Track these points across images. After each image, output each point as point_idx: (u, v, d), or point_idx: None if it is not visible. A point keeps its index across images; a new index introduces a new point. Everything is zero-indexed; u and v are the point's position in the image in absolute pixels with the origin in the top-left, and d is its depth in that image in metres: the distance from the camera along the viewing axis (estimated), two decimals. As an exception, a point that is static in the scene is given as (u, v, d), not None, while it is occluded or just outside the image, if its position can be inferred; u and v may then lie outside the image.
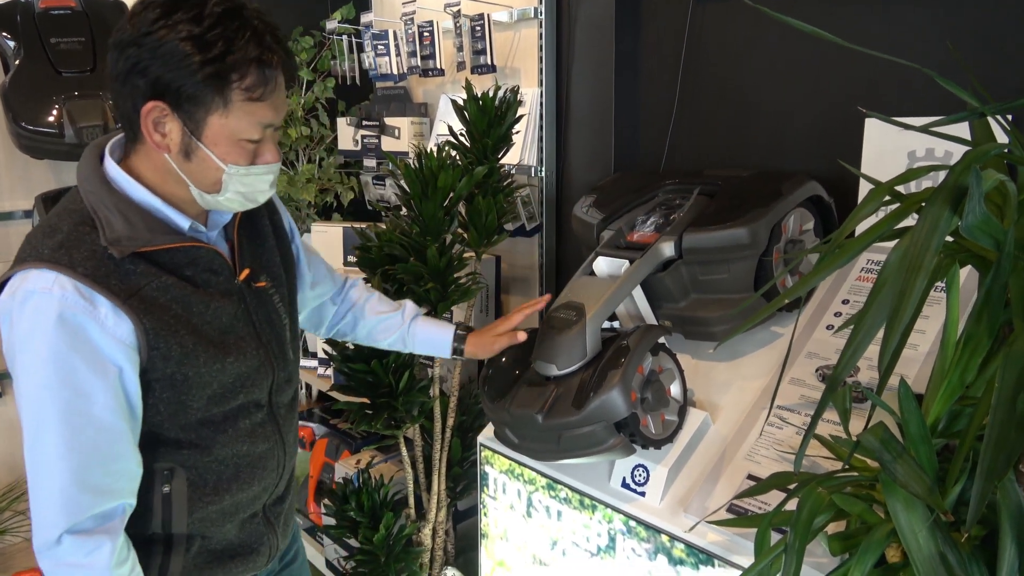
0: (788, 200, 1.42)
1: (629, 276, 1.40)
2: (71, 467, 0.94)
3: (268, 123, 1.00)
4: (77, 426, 0.94)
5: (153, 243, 0.99)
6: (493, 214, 1.65)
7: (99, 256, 0.96)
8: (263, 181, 1.05)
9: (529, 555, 1.59)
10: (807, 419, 1.29)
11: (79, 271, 0.94)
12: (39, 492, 0.96)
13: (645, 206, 1.60)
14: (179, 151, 0.99)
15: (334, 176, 2.69)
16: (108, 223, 0.97)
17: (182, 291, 1.01)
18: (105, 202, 0.98)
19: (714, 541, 1.22)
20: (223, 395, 1.07)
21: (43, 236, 0.97)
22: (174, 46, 0.92)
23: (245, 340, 1.10)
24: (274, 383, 1.15)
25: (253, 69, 0.95)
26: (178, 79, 0.93)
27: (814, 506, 0.87)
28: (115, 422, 0.97)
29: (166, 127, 0.97)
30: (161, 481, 1.06)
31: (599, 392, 1.23)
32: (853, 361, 0.72)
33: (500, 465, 1.62)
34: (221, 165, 0.99)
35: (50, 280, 0.92)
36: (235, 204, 1.05)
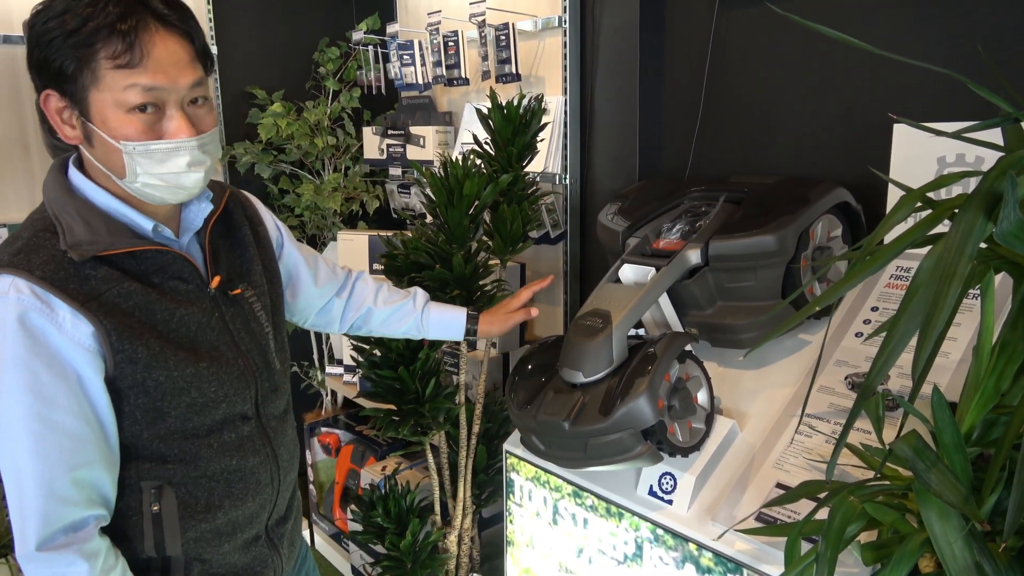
0: (816, 207, 1.41)
1: (655, 283, 1.39)
2: (38, 475, 0.92)
3: (151, 87, 0.93)
4: (40, 432, 0.92)
5: (114, 247, 0.97)
6: (518, 222, 1.66)
7: (57, 260, 0.94)
8: (175, 162, 0.97)
9: (555, 563, 1.59)
10: (836, 427, 1.28)
11: (36, 274, 0.92)
12: (12, 501, 0.94)
13: (671, 213, 1.59)
14: (83, 138, 0.97)
15: (360, 185, 2.72)
16: (69, 228, 0.95)
17: (145, 297, 0.99)
18: (67, 208, 0.97)
19: (742, 550, 1.21)
20: (204, 404, 1.05)
21: (5, 245, 0.97)
22: (42, 28, 0.92)
23: (220, 348, 1.07)
24: (259, 393, 1.13)
25: (115, 35, 0.91)
26: (50, 58, 0.91)
27: (846, 515, 0.86)
28: (79, 428, 0.94)
29: (68, 116, 0.96)
30: (149, 500, 1.03)
31: (626, 399, 1.23)
32: (886, 369, 0.71)
33: (526, 472, 1.62)
34: (114, 143, 0.94)
35: (6, 284, 0.91)
36: (159, 192, 0.99)
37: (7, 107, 2.51)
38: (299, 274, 1.34)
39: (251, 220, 1.22)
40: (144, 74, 0.92)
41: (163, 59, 0.94)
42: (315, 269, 1.37)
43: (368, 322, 1.46)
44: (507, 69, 2.09)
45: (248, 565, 1.14)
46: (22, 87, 2.52)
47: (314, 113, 2.66)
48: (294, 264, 1.32)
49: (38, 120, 2.39)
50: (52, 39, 0.91)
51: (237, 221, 1.19)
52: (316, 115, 2.67)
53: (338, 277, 1.44)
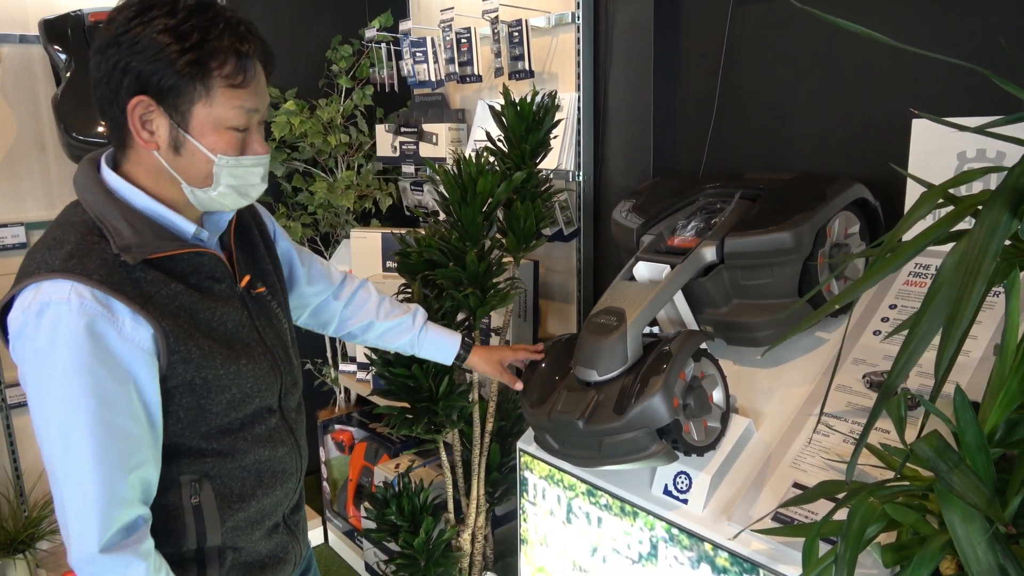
0: (833, 204, 1.40)
1: (670, 281, 1.38)
2: (102, 479, 0.94)
3: (252, 108, 1.01)
4: (102, 436, 0.94)
5: (162, 249, 0.99)
6: (531, 219, 1.65)
7: (111, 264, 0.95)
8: (254, 174, 1.05)
9: (569, 561, 1.59)
10: (854, 427, 1.27)
11: (94, 278, 0.93)
12: (72, 506, 0.95)
13: (685, 210, 1.58)
14: (168, 146, 0.99)
15: (372, 182, 2.72)
16: (116, 231, 0.97)
17: (189, 298, 1.01)
18: (110, 211, 0.98)
19: (759, 550, 1.20)
20: (242, 400, 1.08)
21: (48, 249, 0.97)
22: (152, 39, 0.93)
23: (251, 345, 1.10)
24: (283, 387, 1.17)
25: (231, 56, 0.97)
26: (159, 71, 0.94)
27: (866, 516, 0.85)
28: (137, 430, 0.97)
29: (153, 123, 0.97)
30: (190, 493, 1.06)
31: (641, 398, 1.22)
32: (907, 368, 0.70)
33: (540, 471, 1.61)
34: (211, 156, 0.99)
35: (66, 289, 0.92)
36: (229, 200, 1.05)
37: (23, 106, 2.53)
38: (293, 270, 1.36)
39: (255, 219, 1.25)
40: (250, 96, 1.00)
41: (260, 83, 1.02)
42: (308, 267, 1.39)
43: (366, 332, 1.48)
44: (520, 66, 2.08)
45: (272, 552, 1.18)
46: (38, 86, 2.54)
47: (327, 111, 2.67)
48: (288, 260, 1.34)
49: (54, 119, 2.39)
50: (162, 50, 0.93)
51: (246, 222, 1.22)
52: (329, 113, 2.67)
53: (333, 279, 1.44)
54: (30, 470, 2.65)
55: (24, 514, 2.47)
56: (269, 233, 1.28)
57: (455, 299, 1.61)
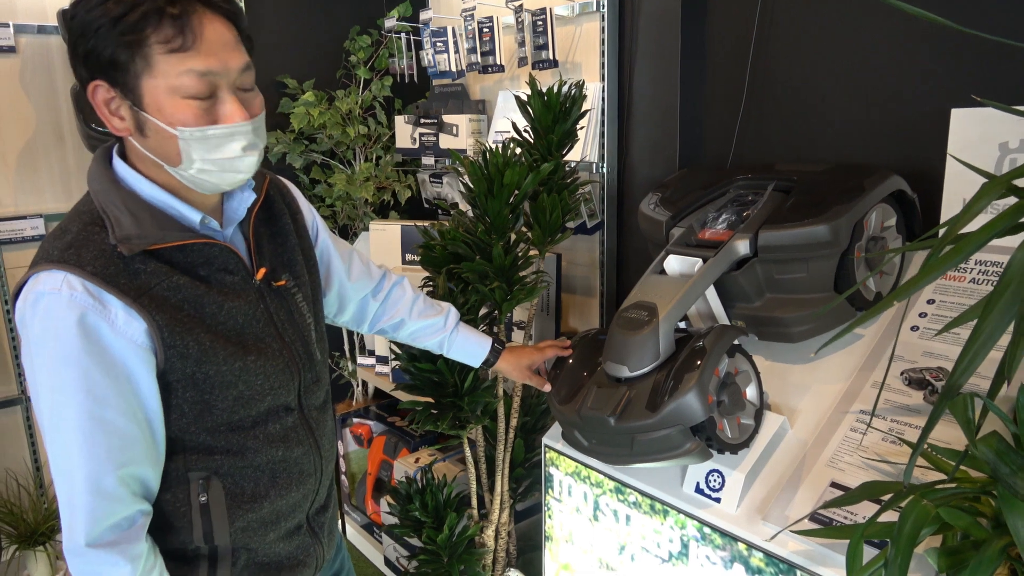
0: (871, 196, 1.36)
1: (703, 275, 1.35)
2: (87, 472, 0.92)
3: (206, 71, 0.91)
4: (90, 431, 0.92)
5: (164, 240, 0.96)
6: (558, 211, 1.62)
7: (108, 255, 0.93)
8: (230, 146, 0.96)
9: (595, 559, 1.56)
10: (893, 424, 1.23)
11: (88, 270, 0.91)
12: (62, 497, 0.94)
13: (716, 203, 1.55)
14: (135, 128, 0.95)
15: (391, 174, 2.70)
16: (117, 221, 0.94)
17: (194, 291, 0.98)
18: (113, 201, 0.96)
19: (796, 551, 1.17)
20: (251, 397, 1.04)
21: (53, 239, 0.96)
22: (89, 20, 0.89)
23: (265, 340, 1.06)
24: (302, 384, 1.12)
25: (163, 19, 0.89)
26: (99, 48, 0.90)
27: (919, 519, 0.82)
28: (128, 426, 0.94)
29: (119, 107, 0.94)
30: (197, 491, 1.03)
31: (675, 395, 1.19)
32: (974, 366, 0.67)
33: (566, 467, 1.59)
34: (170, 130, 0.92)
35: (59, 280, 0.90)
36: (213, 177, 0.98)
37: (42, 97, 2.52)
38: (333, 266, 1.32)
39: (290, 208, 1.20)
40: (197, 58, 0.91)
41: (214, 42, 0.92)
42: (349, 263, 1.35)
43: (397, 331, 1.45)
44: (544, 55, 2.04)
45: (291, 554, 1.15)
46: (56, 77, 2.52)
47: (345, 102, 2.64)
48: (328, 255, 1.31)
49: (73, 110, 2.38)
50: (98, 28, 0.89)
51: (278, 210, 1.18)
52: (348, 104, 2.65)
53: (372, 276, 1.41)
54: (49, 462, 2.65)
55: (44, 506, 2.48)
56: (306, 223, 1.23)
57: (481, 293, 1.58)
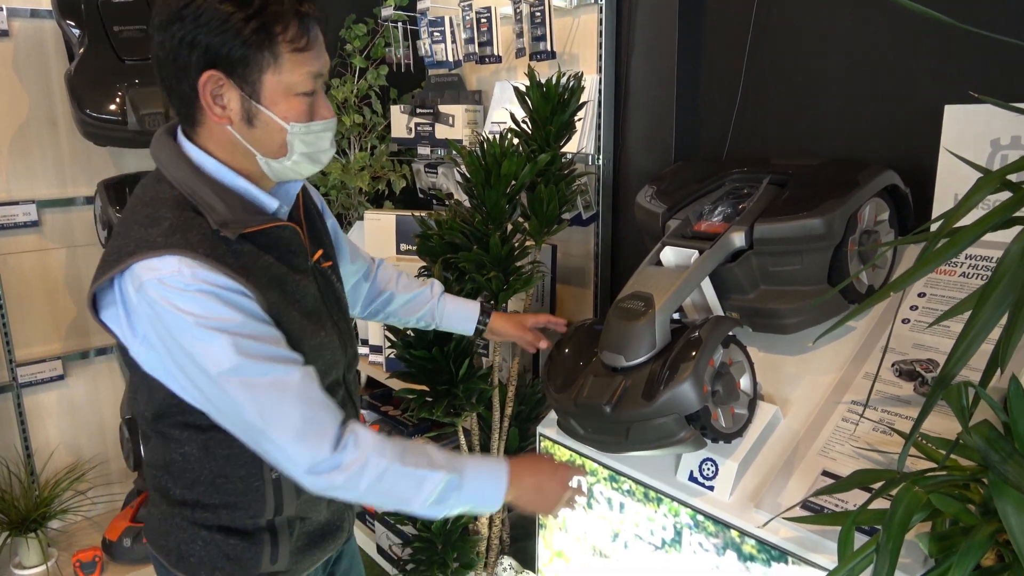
0: (865, 190, 1.38)
1: (699, 266, 1.37)
2: (295, 398, 0.96)
3: (317, 72, 1.00)
4: (276, 369, 0.96)
5: (252, 224, 1.00)
6: (555, 202, 1.63)
7: (212, 238, 0.96)
8: (324, 139, 1.05)
9: (589, 547, 1.58)
10: (884, 415, 1.26)
11: (200, 252, 0.93)
12: (286, 445, 0.96)
13: (711, 195, 1.56)
14: (241, 119, 0.98)
15: (386, 164, 2.70)
16: (210, 208, 0.97)
17: (280, 271, 1.03)
18: (201, 187, 0.99)
19: (788, 537, 1.19)
20: (323, 373, 1.07)
21: (144, 228, 0.96)
22: (215, 10, 0.92)
23: (323, 319, 1.11)
24: (347, 359, 1.18)
25: (293, 19, 0.95)
26: (226, 42, 0.93)
27: (911, 505, 0.84)
28: (271, 332, 0.99)
29: (224, 97, 0.97)
30: (270, 468, 1.07)
31: (671, 384, 1.21)
32: (967, 357, 0.69)
33: (560, 455, 1.61)
34: (284, 125, 0.99)
35: (174, 264, 0.92)
36: (303, 167, 1.05)
37: (35, 83, 2.50)
38: (340, 248, 1.35)
39: (307, 192, 1.25)
40: (314, 60, 0.99)
41: (322, 46, 1.00)
42: (349, 246, 1.38)
43: (388, 306, 1.47)
44: (542, 46, 2.05)
45: (330, 520, 1.21)
46: (50, 62, 2.50)
47: (341, 91, 2.64)
48: (337, 237, 1.34)
49: (67, 95, 2.36)
50: (227, 20, 0.92)
51: (305, 193, 1.22)
52: (343, 93, 2.64)
53: (364, 258, 1.45)
54: (41, 449, 2.65)
55: (35, 493, 2.47)
56: (318, 207, 1.27)
57: (477, 282, 1.59)
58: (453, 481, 1.05)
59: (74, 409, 2.70)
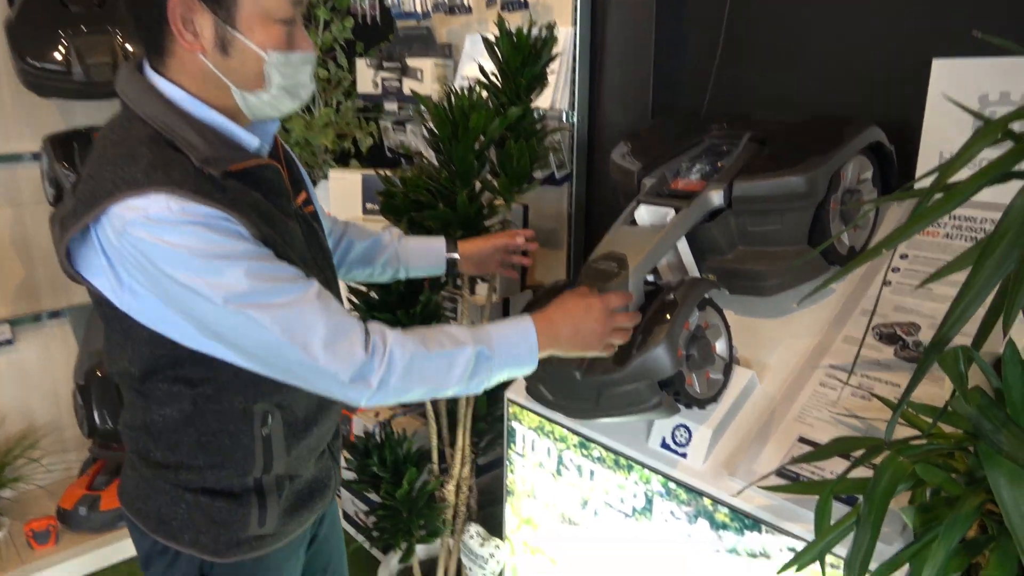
0: (848, 147, 1.32)
1: (675, 226, 1.31)
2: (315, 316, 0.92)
3: None
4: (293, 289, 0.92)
5: (236, 161, 0.93)
6: (525, 159, 1.56)
7: (195, 176, 0.89)
8: (303, 72, 0.99)
9: (558, 514, 1.54)
10: (863, 380, 1.22)
11: (187, 188, 0.87)
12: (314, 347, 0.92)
13: (689, 152, 1.50)
14: (215, 47, 0.92)
15: (352, 121, 2.59)
16: (190, 144, 0.91)
17: (268, 210, 0.97)
18: (178, 123, 0.92)
19: (762, 506, 1.15)
20: None
21: (120, 167, 0.89)
22: None
23: (310, 266, 1.05)
24: None
25: None
26: None
27: (895, 476, 0.80)
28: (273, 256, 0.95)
29: (196, 23, 0.90)
30: (260, 423, 1.04)
31: (644, 348, 1.16)
32: (965, 317, 0.64)
33: (529, 422, 1.56)
34: (261, 53, 0.93)
35: (162, 202, 0.86)
36: (282, 103, 0.99)
37: (-27, 28, 2.33)
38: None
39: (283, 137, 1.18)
40: None
41: None
42: None
43: (348, 255, 1.39)
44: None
45: (317, 477, 1.19)
46: (-12, 7, 2.34)
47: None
48: None
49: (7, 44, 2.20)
50: None
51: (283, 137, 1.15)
52: (306, 45, 2.51)
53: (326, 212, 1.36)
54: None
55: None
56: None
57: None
58: (483, 352, 1.00)
59: (25, 374, 2.59)
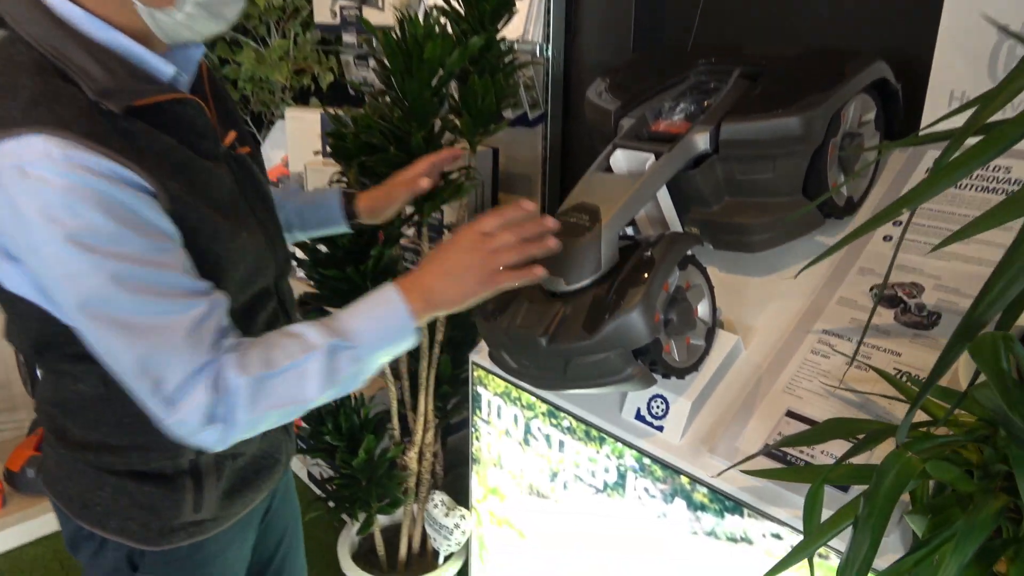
0: (851, 84, 1.17)
1: (654, 173, 1.16)
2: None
3: None
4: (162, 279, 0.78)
5: (144, 95, 0.78)
6: (491, 96, 1.39)
7: (88, 112, 0.74)
8: None
9: (526, 485, 1.44)
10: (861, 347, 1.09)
11: (74, 130, 0.72)
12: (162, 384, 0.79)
13: (673, 90, 1.34)
14: None
15: (311, 55, 2.38)
16: (84, 72, 0.76)
17: (184, 156, 0.83)
18: (70, 46, 0.77)
19: (744, 487, 1.04)
20: (247, 281, 0.93)
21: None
22: None
23: (244, 216, 0.93)
24: (277, 264, 1.01)
25: None
26: None
27: (902, 475, 0.68)
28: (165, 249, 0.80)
29: None
30: None
31: (617, 313, 1.02)
32: (1008, 295, 0.50)
33: (495, 387, 1.43)
34: None
35: (38, 146, 0.71)
36: (200, 23, 0.84)
37: None
38: None
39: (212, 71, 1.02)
40: None
41: None
42: None
43: None
44: (481, -89, 1.74)
45: (267, 452, 1.08)
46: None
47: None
48: None
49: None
50: None
51: (210, 67, 1.00)
52: (259, -31, 2.29)
53: None
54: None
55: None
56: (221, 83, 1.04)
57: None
58: (337, 346, 0.84)
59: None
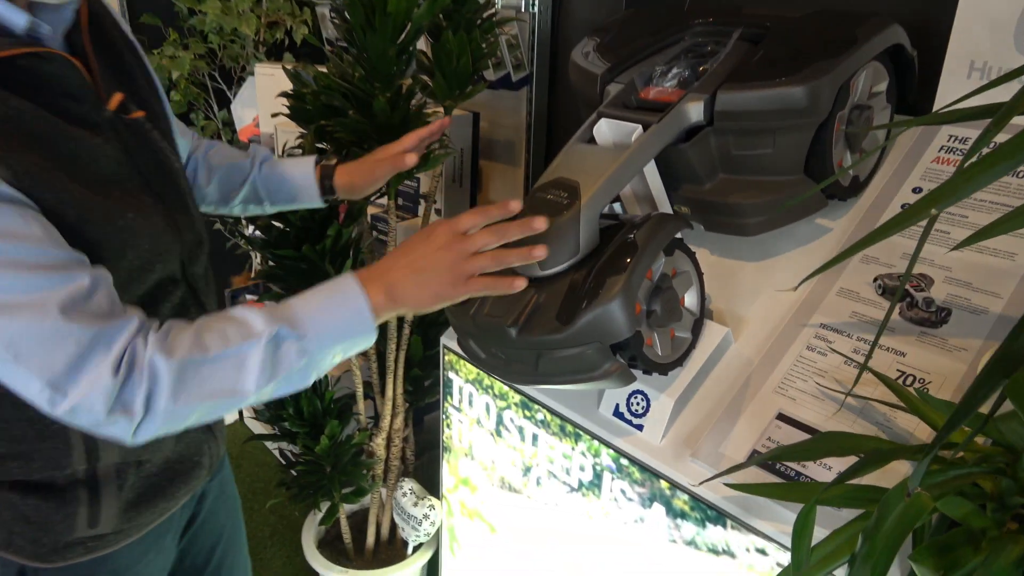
0: (864, 50, 1.05)
1: (641, 147, 1.05)
2: None
3: None
4: None
5: None
6: (467, 56, 1.26)
7: None
8: None
9: (497, 478, 1.35)
10: (860, 344, 1.00)
11: None
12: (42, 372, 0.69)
13: (666, 53, 1.22)
14: None
15: (284, 7, 2.23)
16: None
17: (43, 124, 0.71)
18: None
19: (728, 496, 0.95)
20: (139, 269, 0.82)
21: None
22: None
23: (135, 193, 0.81)
24: (184, 248, 0.90)
25: None
26: None
27: (909, 514, 0.58)
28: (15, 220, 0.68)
29: None
30: None
31: (594, 303, 0.92)
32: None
33: (466, 373, 1.33)
34: None
35: None
36: None
37: None
38: (165, 105, 0.99)
39: (108, 15, 0.89)
40: None
41: None
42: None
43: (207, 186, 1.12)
44: None
45: (184, 455, 0.97)
46: None
47: None
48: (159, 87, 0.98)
49: None
50: None
51: (99, 14, 0.86)
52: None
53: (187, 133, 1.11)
54: None
55: None
56: (130, 37, 0.92)
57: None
58: (282, 334, 0.73)
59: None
